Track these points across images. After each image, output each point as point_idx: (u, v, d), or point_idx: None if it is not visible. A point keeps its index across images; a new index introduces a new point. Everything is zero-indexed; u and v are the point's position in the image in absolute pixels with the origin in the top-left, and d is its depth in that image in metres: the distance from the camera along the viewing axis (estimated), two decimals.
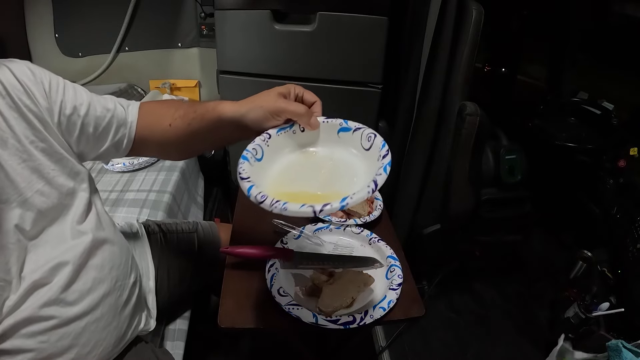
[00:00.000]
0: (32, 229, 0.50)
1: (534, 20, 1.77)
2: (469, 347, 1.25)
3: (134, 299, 0.64)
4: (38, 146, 0.50)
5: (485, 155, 1.18)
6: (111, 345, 0.58)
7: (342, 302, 0.62)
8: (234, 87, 1.31)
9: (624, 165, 1.20)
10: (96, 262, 0.56)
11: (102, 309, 0.56)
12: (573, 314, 1.10)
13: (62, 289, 0.51)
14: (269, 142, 0.54)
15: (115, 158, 0.65)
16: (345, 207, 0.42)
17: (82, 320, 0.53)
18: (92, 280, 0.54)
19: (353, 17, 1.16)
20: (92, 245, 0.55)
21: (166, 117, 0.60)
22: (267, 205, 0.43)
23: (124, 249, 0.64)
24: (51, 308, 0.50)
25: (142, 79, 1.78)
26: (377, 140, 0.52)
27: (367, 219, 0.82)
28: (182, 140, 0.60)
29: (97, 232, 0.57)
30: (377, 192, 0.93)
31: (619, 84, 1.62)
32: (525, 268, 1.56)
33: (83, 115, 0.55)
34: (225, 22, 1.23)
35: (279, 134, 0.55)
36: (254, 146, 0.53)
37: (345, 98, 1.28)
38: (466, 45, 1.02)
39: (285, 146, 0.56)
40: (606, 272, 1.10)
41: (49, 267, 0.50)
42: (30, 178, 0.49)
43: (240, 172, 0.48)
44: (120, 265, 0.61)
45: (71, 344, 0.52)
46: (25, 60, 0.53)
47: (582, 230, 1.46)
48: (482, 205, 1.18)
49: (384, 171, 0.45)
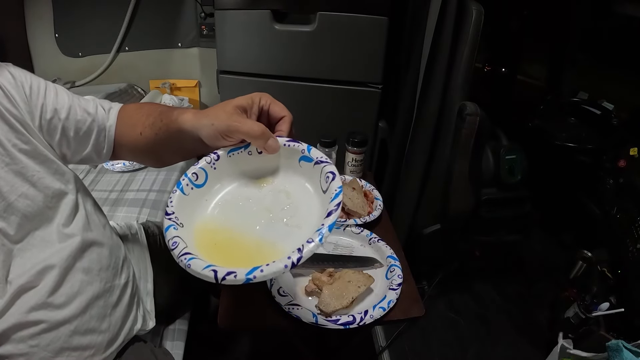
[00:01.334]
0: (16, 233, 0.49)
1: (534, 20, 1.77)
2: (469, 347, 1.25)
3: (125, 299, 0.62)
4: (21, 149, 0.49)
5: (485, 155, 1.18)
6: (103, 347, 0.57)
7: (342, 302, 0.62)
8: (234, 87, 1.31)
9: (624, 165, 1.20)
10: (83, 265, 0.55)
11: (91, 311, 0.55)
12: (573, 314, 1.10)
13: (49, 292, 0.50)
14: (216, 165, 0.47)
15: (98, 163, 0.64)
16: (251, 280, 0.36)
17: (71, 323, 0.52)
18: (79, 283, 0.54)
19: (353, 17, 1.16)
20: (80, 248, 0.54)
21: (138, 124, 0.57)
22: (175, 255, 0.39)
23: (115, 249, 0.62)
24: (39, 312, 0.49)
25: (142, 79, 1.78)
26: (333, 185, 0.43)
27: (367, 219, 0.82)
28: (152, 149, 0.57)
29: (85, 234, 0.56)
30: (376, 191, 0.93)
31: (619, 84, 1.62)
32: (525, 268, 1.56)
33: (63, 119, 0.54)
34: (225, 22, 1.23)
35: (230, 155, 0.48)
36: (196, 170, 0.47)
37: (345, 98, 1.28)
38: (466, 45, 1.02)
39: (236, 170, 0.49)
40: (606, 272, 1.09)
41: (35, 270, 0.49)
42: (14, 182, 0.48)
43: (167, 205, 0.44)
44: (110, 266, 0.60)
45: (62, 347, 0.52)
46: (8, 63, 0.52)
47: (582, 230, 1.46)
48: (482, 205, 1.18)
49: (319, 239, 0.37)
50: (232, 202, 0.47)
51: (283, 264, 0.36)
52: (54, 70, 1.66)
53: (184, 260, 0.38)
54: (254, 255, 0.40)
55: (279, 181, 0.49)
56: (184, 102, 1.72)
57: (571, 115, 1.55)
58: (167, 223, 0.42)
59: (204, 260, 0.38)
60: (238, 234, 0.44)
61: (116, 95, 1.59)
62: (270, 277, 0.36)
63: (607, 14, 1.59)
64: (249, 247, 0.42)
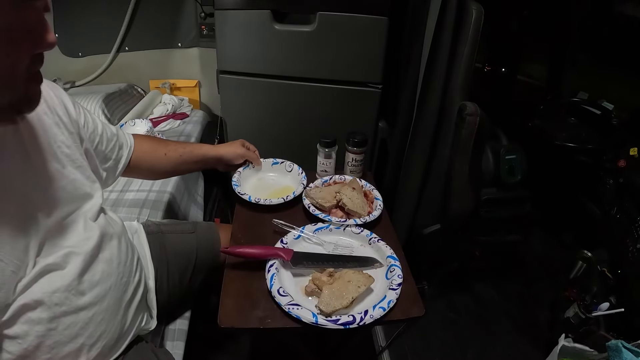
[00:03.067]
0: (52, 219, 0.54)
1: (534, 20, 1.78)
2: (469, 347, 1.25)
3: (137, 297, 0.67)
4: (64, 152, 0.58)
5: (485, 155, 1.18)
6: (114, 340, 0.61)
7: (342, 302, 0.62)
8: (234, 87, 1.31)
9: (624, 165, 1.20)
10: (105, 256, 0.60)
11: (109, 301, 0.59)
12: (573, 314, 1.10)
13: (75, 277, 0.54)
14: (242, 174, 0.95)
15: (112, 180, 0.78)
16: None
17: (89, 310, 0.56)
18: (100, 273, 0.59)
19: (353, 17, 1.16)
20: (102, 240, 0.60)
21: (160, 148, 0.84)
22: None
23: (131, 249, 0.69)
24: (62, 294, 0.53)
25: (142, 79, 1.78)
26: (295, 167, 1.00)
27: (367, 219, 0.82)
28: (173, 167, 0.87)
29: (107, 228, 0.63)
30: (376, 191, 0.93)
31: (619, 84, 1.62)
32: (525, 268, 1.56)
33: (97, 143, 0.69)
34: (225, 22, 1.23)
35: (244, 169, 0.97)
36: (237, 177, 0.94)
37: (345, 98, 1.28)
38: (466, 45, 1.02)
39: (250, 174, 0.98)
40: (606, 272, 1.09)
41: (62, 253, 0.54)
42: (58, 176, 0.56)
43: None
44: (127, 262, 0.65)
45: (77, 333, 0.55)
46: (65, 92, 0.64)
47: (582, 230, 1.46)
48: (482, 205, 1.18)
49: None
50: (257, 182, 0.99)
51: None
52: (54, 70, 1.66)
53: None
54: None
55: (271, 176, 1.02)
56: (183, 102, 1.71)
57: (571, 115, 1.56)
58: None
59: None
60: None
61: (116, 95, 1.59)
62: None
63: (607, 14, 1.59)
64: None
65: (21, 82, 0.43)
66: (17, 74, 0.41)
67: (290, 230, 0.78)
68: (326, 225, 0.80)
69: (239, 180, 0.93)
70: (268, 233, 0.80)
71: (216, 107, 1.81)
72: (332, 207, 0.86)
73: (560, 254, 1.56)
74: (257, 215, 0.86)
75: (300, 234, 0.78)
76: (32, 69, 0.43)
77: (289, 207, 0.88)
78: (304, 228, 0.79)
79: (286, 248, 0.74)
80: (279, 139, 1.36)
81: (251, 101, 1.32)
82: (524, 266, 1.56)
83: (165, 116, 1.60)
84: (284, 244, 0.75)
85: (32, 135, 0.53)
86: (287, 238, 0.76)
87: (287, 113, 1.32)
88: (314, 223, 0.81)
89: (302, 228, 0.79)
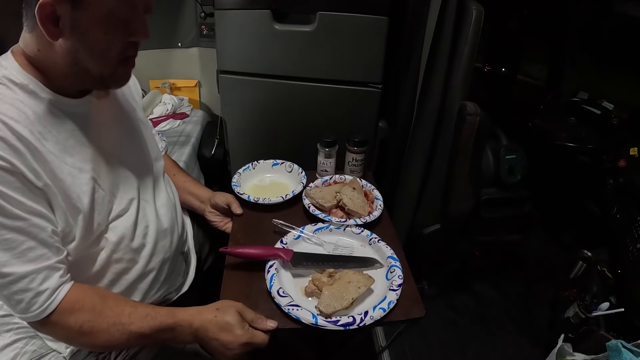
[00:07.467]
0: (152, 177, 0.73)
1: (534, 20, 1.77)
2: (469, 347, 1.25)
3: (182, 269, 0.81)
4: (142, 119, 0.76)
5: (485, 155, 1.18)
6: (176, 286, 0.78)
7: (342, 303, 0.62)
8: (234, 87, 1.31)
9: (624, 165, 1.20)
10: (173, 212, 0.78)
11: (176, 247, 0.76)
12: (573, 314, 1.10)
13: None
14: (242, 175, 0.98)
15: None
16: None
17: (171, 236, 0.73)
18: (170, 220, 0.75)
19: (353, 17, 1.16)
20: (173, 197, 0.82)
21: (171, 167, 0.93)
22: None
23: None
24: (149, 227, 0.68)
25: (142, 79, 1.78)
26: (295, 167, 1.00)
27: (367, 219, 0.82)
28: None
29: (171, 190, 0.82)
30: (377, 191, 0.93)
31: (619, 84, 1.62)
32: (525, 268, 1.56)
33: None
34: (225, 22, 1.23)
35: (244, 170, 1.00)
36: (237, 178, 0.96)
37: (345, 98, 1.28)
38: (466, 45, 1.02)
39: (250, 176, 1.00)
40: (606, 272, 1.09)
41: (162, 198, 0.75)
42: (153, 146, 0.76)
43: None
44: (177, 217, 0.81)
45: (163, 259, 0.70)
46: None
47: (582, 230, 1.46)
48: (482, 205, 1.18)
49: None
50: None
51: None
52: None
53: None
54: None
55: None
56: (183, 102, 1.71)
57: (571, 115, 1.55)
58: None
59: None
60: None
61: None
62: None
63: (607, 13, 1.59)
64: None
65: (112, 61, 0.54)
66: (110, 52, 0.52)
67: (290, 231, 0.78)
68: (326, 226, 0.80)
69: (238, 181, 0.93)
70: (268, 233, 0.80)
71: (216, 107, 1.81)
72: (332, 207, 0.86)
73: (560, 254, 1.56)
74: (257, 215, 0.86)
75: (300, 234, 0.78)
76: (124, 53, 0.54)
77: (289, 207, 0.88)
78: (303, 228, 0.79)
79: (286, 248, 0.74)
80: (279, 138, 1.36)
81: (251, 101, 1.32)
82: (524, 266, 1.56)
83: (165, 116, 1.60)
84: (283, 244, 0.75)
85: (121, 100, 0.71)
86: (287, 238, 0.76)
87: (287, 113, 1.32)
88: (314, 223, 0.81)
89: (302, 228, 0.79)
